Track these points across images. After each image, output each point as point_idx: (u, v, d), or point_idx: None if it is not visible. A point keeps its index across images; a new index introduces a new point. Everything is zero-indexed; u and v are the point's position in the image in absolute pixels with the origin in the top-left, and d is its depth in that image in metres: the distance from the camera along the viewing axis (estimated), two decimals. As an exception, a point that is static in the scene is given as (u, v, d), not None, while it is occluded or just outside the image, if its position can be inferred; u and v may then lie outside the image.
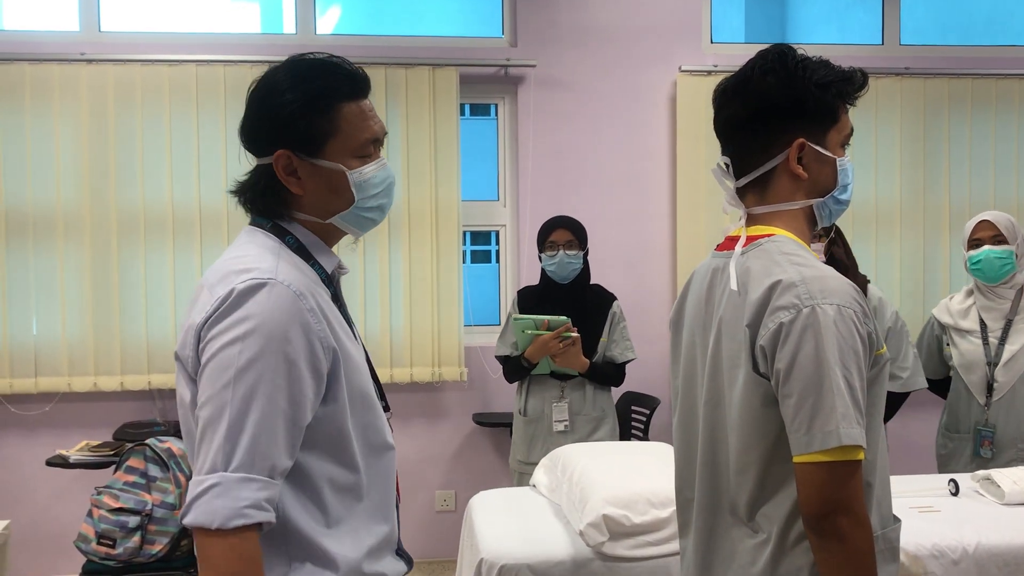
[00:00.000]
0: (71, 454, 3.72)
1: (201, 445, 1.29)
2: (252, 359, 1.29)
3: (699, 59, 4.62)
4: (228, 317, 1.31)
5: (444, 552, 4.52)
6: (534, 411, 3.56)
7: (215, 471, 1.26)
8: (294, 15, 4.53)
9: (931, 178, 4.70)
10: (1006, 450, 3.19)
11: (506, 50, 4.59)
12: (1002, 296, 3.23)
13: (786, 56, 1.53)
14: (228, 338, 1.30)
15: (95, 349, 4.24)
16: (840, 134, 1.57)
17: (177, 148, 4.25)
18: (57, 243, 4.22)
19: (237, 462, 1.26)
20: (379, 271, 4.40)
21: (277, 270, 1.36)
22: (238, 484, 1.26)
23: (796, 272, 1.45)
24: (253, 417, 1.28)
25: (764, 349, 1.44)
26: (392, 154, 4.39)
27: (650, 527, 2.39)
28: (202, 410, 1.30)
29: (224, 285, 1.34)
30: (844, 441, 1.36)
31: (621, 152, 4.62)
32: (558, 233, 3.51)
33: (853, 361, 1.40)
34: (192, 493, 1.27)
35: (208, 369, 1.30)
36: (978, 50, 4.96)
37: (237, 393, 1.28)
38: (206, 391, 1.30)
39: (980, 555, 2.36)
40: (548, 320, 3.41)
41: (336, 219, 1.49)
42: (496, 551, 2.41)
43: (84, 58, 4.21)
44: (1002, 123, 4.74)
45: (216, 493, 1.25)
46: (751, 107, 1.54)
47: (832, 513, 1.38)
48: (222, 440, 1.27)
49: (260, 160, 1.46)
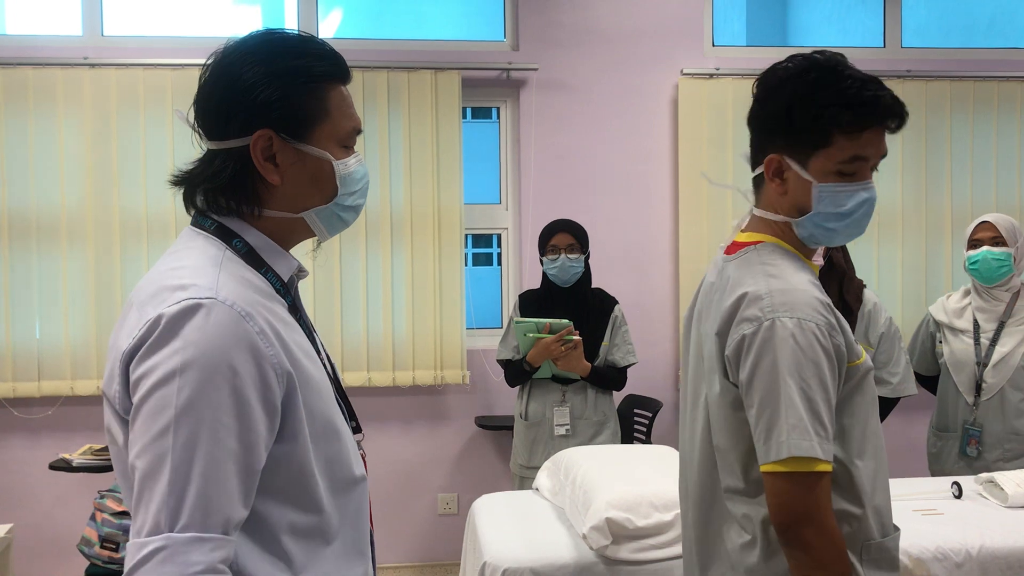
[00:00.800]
0: (74, 458, 3.72)
1: (140, 502, 1.08)
2: (192, 396, 1.08)
3: (701, 62, 4.62)
4: (161, 348, 1.10)
5: (447, 555, 4.52)
6: (535, 415, 3.55)
7: (158, 532, 1.06)
8: (296, 18, 4.54)
9: (933, 181, 4.70)
10: (992, 450, 3.24)
11: (508, 53, 4.60)
12: (998, 298, 3.27)
13: (806, 65, 1.51)
14: (162, 373, 1.09)
15: (98, 352, 4.24)
16: (831, 160, 1.50)
17: (179, 152, 4.26)
18: (60, 247, 4.22)
19: (185, 520, 1.06)
20: (381, 274, 4.40)
21: (217, 286, 1.15)
22: (187, 546, 1.06)
23: (764, 284, 1.48)
24: (199, 466, 1.07)
25: (729, 359, 1.49)
26: (394, 157, 4.40)
27: (653, 530, 2.39)
28: (138, 459, 1.09)
29: (154, 305, 1.13)
30: (793, 452, 1.38)
31: (623, 155, 4.63)
32: (559, 237, 3.51)
33: (813, 374, 1.42)
34: (132, 559, 1.07)
35: (143, 412, 1.10)
36: (980, 52, 4.96)
37: (179, 439, 1.07)
38: (141, 438, 1.09)
39: (983, 558, 2.35)
40: (550, 323, 3.40)
41: (309, 214, 1.29)
42: (499, 555, 2.41)
43: (87, 62, 4.21)
44: (1004, 126, 4.74)
45: (162, 559, 1.05)
46: (755, 107, 1.57)
47: (795, 523, 1.40)
48: (165, 495, 1.06)
49: (229, 143, 1.24)
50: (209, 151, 1.27)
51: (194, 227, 1.28)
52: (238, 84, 1.23)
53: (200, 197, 1.27)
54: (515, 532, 2.58)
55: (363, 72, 4.32)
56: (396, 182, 4.39)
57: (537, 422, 3.54)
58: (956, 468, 3.31)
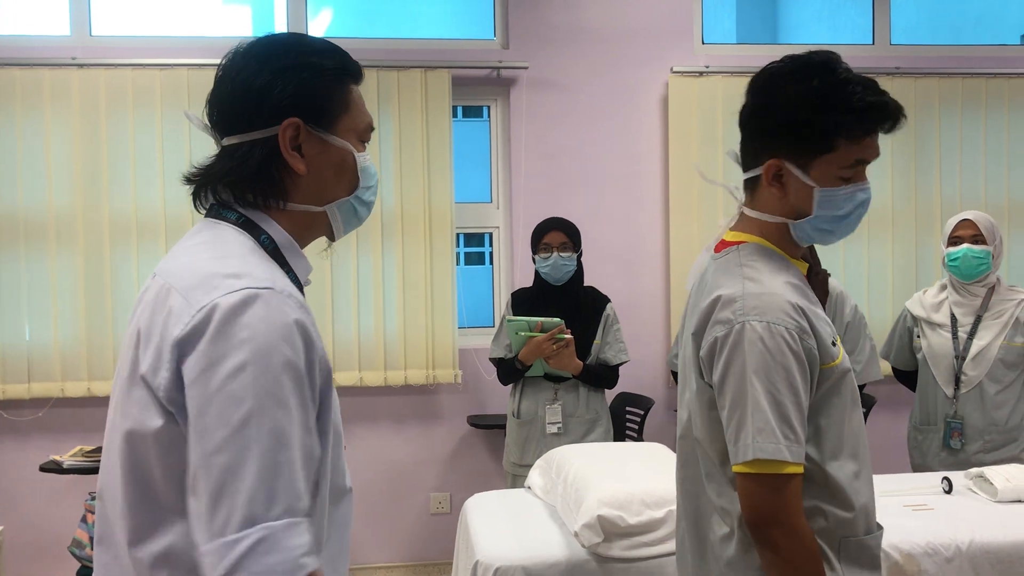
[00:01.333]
0: (65, 459, 3.71)
1: (223, 496, 1.05)
2: (267, 387, 1.08)
3: (691, 60, 4.62)
4: (227, 339, 1.08)
5: (439, 555, 4.52)
6: (527, 413, 3.56)
7: (253, 523, 1.04)
8: (286, 18, 4.53)
9: (922, 177, 4.72)
10: (974, 441, 3.30)
11: (498, 52, 4.60)
12: (974, 293, 3.33)
13: (803, 67, 1.50)
14: (232, 365, 1.07)
15: (88, 354, 4.23)
16: (833, 165, 1.50)
17: (169, 152, 4.24)
18: (49, 248, 4.21)
19: (279, 508, 1.05)
20: (372, 273, 4.40)
21: (273, 278, 1.15)
22: (286, 531, 1.05)
23: (739, 287, 1.49)
24: (284, 454, 1.07)
25: (703, 361, 1.52)
26: (385, 156, 4.39)
27: (645, 528, 2.40)
28: (218, 455, 1.06)
29: (205, 291, 1.12)
30: (757, 455, 1.41)
31: (613, 153, 4.63)
32: (552, 235, 3.52)
33: (782, 377, 1.43)
34: (228, 557, 1.03)
35: (216, 405, 1.07)
36: (968, 49, 4.97)
37: (262, 429, 1.06)
38: (218, 432, 1.06)
39: (973, 552, 2.37)
40: (542, 322, 3.41)
41: (331, 207, 1.30)
42: (491, 553, 2.41)
43: (75, 63, 4.20)
44: (992, 122, 4.75)
45: (265, 549, 1.03)
46: (749, 109, 1.56)
47: (763, 524, 1.43)
48: (256, 486, 1.05)
49: (253, 134, 1.24)
50: (228, 146, 1.26)
51: (213, 219, 1.27)
52: (265, 75, 1.23)
53: (221, 192, 1.27)
54: (507, 530, 2.58)
55: (353, 71, 4.30)
56: (387, 181, 4.39)
57: (529, 420, 3.55)
58: (939, 461, 3.37)
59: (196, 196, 1.30)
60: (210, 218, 1.28)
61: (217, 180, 1.27)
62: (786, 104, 1.50)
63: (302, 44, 1.28)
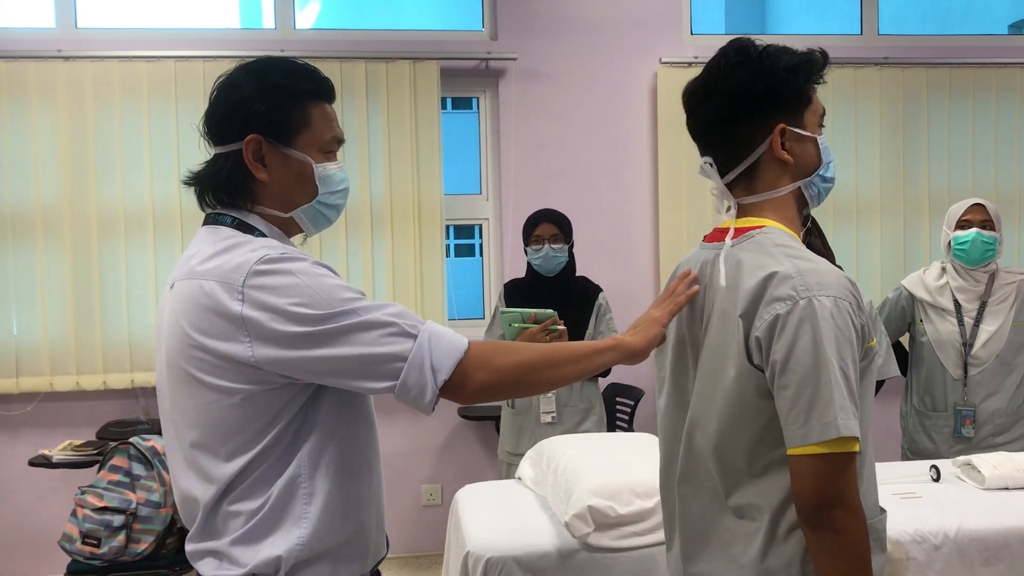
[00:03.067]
0: (54, 454, 3.70)
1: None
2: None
3: (679, 51, 4.62)
4: (268, 290, 1.36)
5: (431, 546, 4.53)
6: (522, 403, 3.58)
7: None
8: (273, 10, 4.50)
9: (910, 166, 4.73)
10: (984, 425, 3.31)
11: (487, 43, 4.59)
12: (977, 279, 3.32)
13: (749, 48, 1.55)
14: (286, 302, 1.36)
15: (77, 348, 4.21)
16: (815, 114, 1.58)
17: (156, 145, 4.23)
18: (36, 242, 4.19)
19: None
20: (362, 265, 4.39)
21: (286, 247, 1.43)
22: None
23: (791, 264, 1.45)
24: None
25: (760, 340, 1.44)
26: (373, 148, 4.38)
27: (635, 517, 2.40)
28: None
29: (238, 272, 1.38)
30: (843, 432, 1.36)
31: (602, 144, 4.63)
32: (543, 227, 3.53)
33: (849, 353, 1.40)
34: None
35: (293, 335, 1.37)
36: (956, 39, 4.99)
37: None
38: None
39: (961, 540, 2.38)
40: (535, 313, 3.38)
41: (297, 212, 1.53)
42: (482, 544, 2.42)
43: (61, 55, 4.17)
44: (980, 111, 4.77)
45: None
46: (726, 104, 1.54)
47: (828, 505, 1.37)
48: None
49: (229, 147, 1.48)
50: (214, 156, 1.50)
51: (213, 224, 1.50)
52: (236, 97, 1.48)
53: (211, 197, 1.51)
54: (498, 521, 2.58)
55: (341, 63, 4.29)
56: (376, 173, 4.38)
57: (523, 410, 3.57)
58: (948, 446, 3.37)
59: (200, 200, 1.54)
60: (210, 224, 1.51)
61: (201, 183, 1.51)
62: (767, 73, 1.53)
63: (274, 68, 1.52)
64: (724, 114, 1.55)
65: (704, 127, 1.60)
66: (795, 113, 1.55)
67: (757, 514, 1.49)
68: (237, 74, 1.51)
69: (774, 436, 1.45)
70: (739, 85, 1.53)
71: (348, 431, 1.48)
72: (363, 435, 1.52)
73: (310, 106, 1.51)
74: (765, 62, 1.53)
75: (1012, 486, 2.68)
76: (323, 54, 4.28)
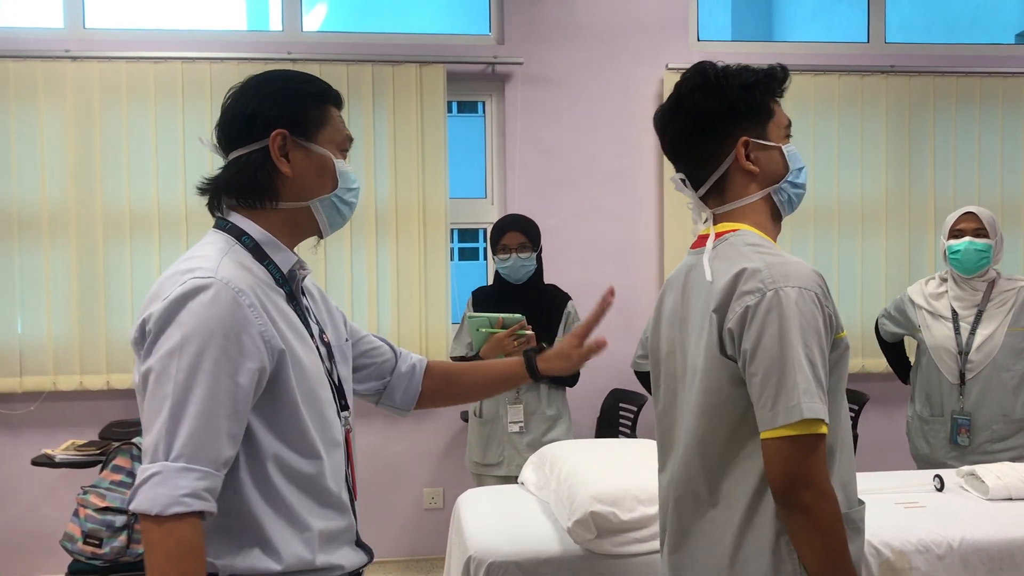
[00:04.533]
0: (57, 453, 3.70)
1: (146, 435, 1.36)
2: (194, 357, 1.35)
3: (686, 57, 4.62)
4: (171, 319, 1.37)
5: (432, 550, 4.52)
6: (489, 412, 3.55)
7: (155, 460, 1.33)
8: (280, 12, 4.51)
9: (916, 175, 4.73)
10: (981, 432, 3.31)
11: (493, 47, 4.59)
12: (975, 288, 3.34)
13: (706, 71, 1.67)
14: (170, 337, 1.37)
15: (81, 348, 4.22)
16: (779, 126, 1.68)
17: (163, 146, 4.23)
18: (42, 241, 4.19)
19: (176, 451, 1.32)
20: (366, 268, 4.39)
21: (219, 268, 1.42)
22: (177, 474, 1.32)
23: (760, 260, 1.55)
24: (193, 409, 1.34)
25: (732, 332, 1.53)
26: (379, 152, 4.38)
27: (638, 524, 2.40)
28: (148, 405, 1.37)
29: (170, 284, 1.41)
30: (806, 415, 1.43)
31: (608, 149, 4.63)
32: (510, 236, 3.49)
33: (815, 340, 1.49)
34: (137, 480, 1.34)
35: (155, 367, 1.37)
36: (963, 48, 4.98)
37: (177, 387, 1.34)
38: (148, 389, 1.37)
39: (964, 550, 2.37)
40: (503, 318, 3.31)
41: (315, 201, 1.56)
42: (484, 548, 2.41)
43: (69, 55, 4.18)
44: (986, 121, 4.77)
45: (156, 482, 1.31)
46: (690, 122, 1.67)
47: (795, 487, 1.45)
48: (163, 431, 1.33)
49: (251, 146, 1.53)
50: (232, 160, 1.55)
51: (215, 228, 1.56)
52: (256, 101, 1.54)
53: (226, 196, 1.56)
54: (500, 526, 2.58)
55: (347, 66, 4.30)
56: (381, 176, 4.38)
57: (491, 419, 3.54)
58: (945, 452, 3.40)
59: (210, 205, 1.58)
60: (213, 228, 1.56)
61: (222, 187, 1.55)
62: (731, 91, 1.64)
63: (288, 76, 1.60)
64: (689, 132, 1.68)
65: (674, 144, 1.73)
66: (757, 125, 1.67)
67: (733, 502, 1.56)
68: (253, 82, 1.57)
69: (750, 425, 1.52)
70: (699, 104, 1.66)
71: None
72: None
73: (326, 106, 1.58)
74: (722, 82, 1.65)
75: (1016, 496, 2.67)
76: (330, 57, 4.29)
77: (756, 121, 1.66)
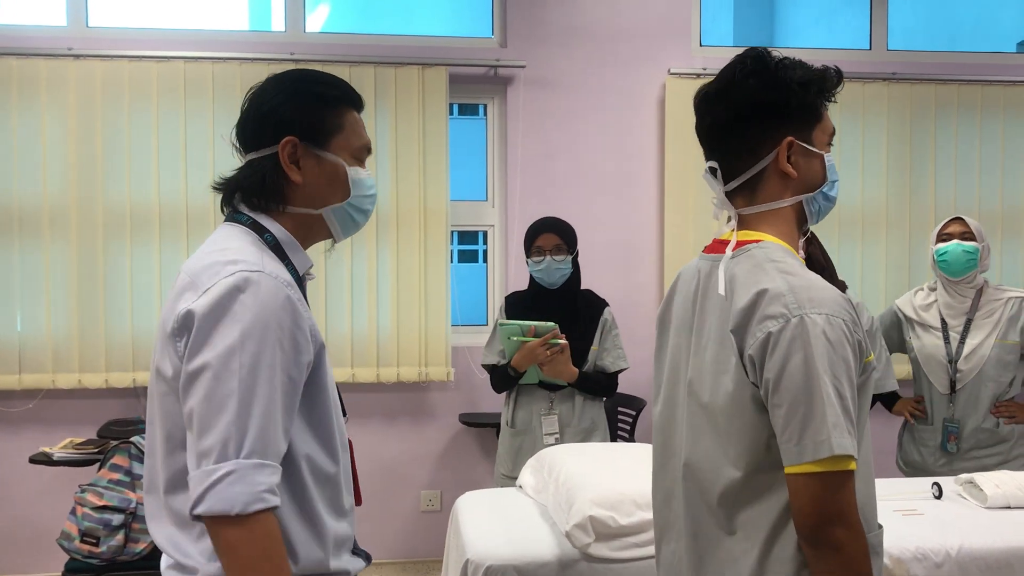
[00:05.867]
0: (55, 451, 3.70)
1: (205, 435, 1.32)
2: (255, 352, 1.33)
3: (688, 62, 4.63)
4: (224, 312, 1.34)
5: (430, 552, 4.52)
6: (522, 423, 3.38)
7: (226, 459, 1.30)
8: (283, 12, 4.51)
9: (917, 182, 4.74)
10: (967, 439, 3.38)
11: (496, 50, 4.59)
12: (963, 295, 3.38)
13: (766, 58, 1.55)
14: (228, 332, 1.33)
15: (80, 346, 4.21)
16: (824, 132, 1.58)
17: (164, 145, 4.23)
18: (43, 239, 4.19)
19: (248, 448, 1.31)
20: (367, 270, 4.39)
21: (263, 263, 1.41)
22: (253, 470, 1.31)
23: (783, 281, 1.44)
24: (258, 406, 1.32)
25: (753, 359, 1.43)
26: (381, 153, 4.38)
27: (636, 528, 2.40)
28: (206, 403, 1.33)
29: (210, 275, 1.38)
30: (836, 451, 1.35)
31: (610, 153, 4.63)
32: (544, 238, 3.33)
33: (843, 371, 1.39)
34: (203, 483, 1.30)
35: (213, 363, 1.33)
36: (964, 56, 4.99)
37: (242, 384, 1.32)
38: (205, 386, 1.33)
39: (963, 558, 2.37)
40: (535, 326, 3.22)
41: (327, 210, 1.55)
42: (482, 552, 2.41)
43: (71, 53, 4.18)
44: (987, 128, 4.78)
45: (232, 480, 1.29)
46: (736, 110, 1.55)
47: (827, 524, 1.37)
48: (232, 428, 1.31)
49: (263, 151, 1.51)
50: (248, 161, 1.54)
51: (230, 222, 1.53)
52: (270, 104, 1.52)
53: (237, 197, 1.54)
54: (498, 529, 2.58)
55: (350, 67, 4.30)
56: (382, 178, 4.38)
57: (524, 430, 3.38)
58: (934, 459, 3.46)
59: (223, 202, 1.57)
60: (227, 222, 1.54)
61: (235, 188, 1.54)
62: (780, 84, 1.53)
63: (305, 77, 1.57)
64: (733, 120, 1.56)
65: (712, 131, 1.61)
66: (804, 128, 1.55)
67: (753, 532, 1.48)
68: (270, 83, 1.55)
69: (773, 456, 1.44)
70: (751, 93, 1.53)
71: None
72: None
73: (343, 111, 1.56)
74: (780, 73, 1.53)
75: (1014, 505, 2.67)
76: (332, 58, 4.29)
77: (805, 122, 1.55)
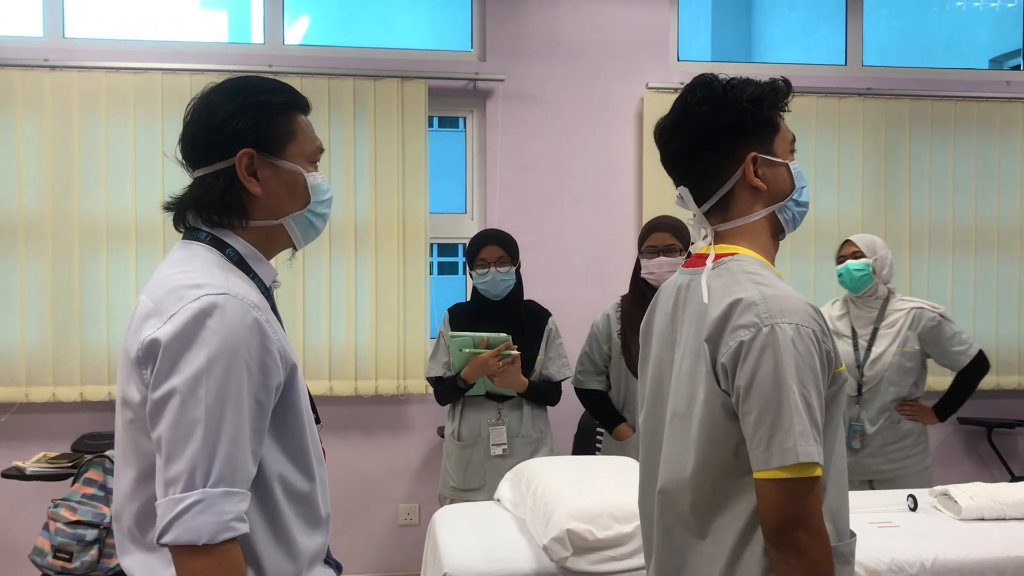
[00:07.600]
0: (28, 466, 3.66)
1: (172, 462, 1.29)
2: (222, 378, 1.30)
3: (666, 76, 4.66)
4: (192, 339, 1.31)
5: (407, 566, 4.49)
6: (470, 435, 3.38)
7: (193, 488, 1.27)
8: (262, 25, 4.51)
9: (892, 196, 4.79)
10: (873, 438, 3.65)
11: (475, 64, 4.61)
12: (870, 306, 3.70)
13: (713, 84, 1.61)
14: (195, 358, 1.30)
15: (54, 359, 4.17)
16: (784, 140, 1.64)
17: (141, 157, 4.21)
18: (17, 250, 4.15)
19: (216, 476, 1.28)
20: (345, 282, 4.38)
21: (228, 284, 1.38)
22: (221, 499, 1.28)
23: (756, 291, 1.49)
24: (226, 432, 1.30)
25: (725, 367, 1.48)
26: (359, 166, 4.38)
27: (614, 542, 2.40)
28: (172, 430, 1.30)
29: (174, 301, 1.35)
30: (802, 458, 1.40)
31: (588, 166, 4.65)
32: (488, 250, 3.34)
33: (811, 379, 1.44)
34: (170, 512, 1.27)
35: (180, 389, 1.30)
36: (938, 72, 5.05)
37: (209, 411, 1.29)
38: (173, 413, 1.30)
39: (938, 570, 2.39)
40: (487, 338, 3.23)
41: (287, 219, 1.52)
42: (460, 565, 2.40)
43: (48, 64, 4.15)
44: (960, 143, 4.84)
45: (200, 510, 1.27)
46: (695, 138, 1.61)
47: (791, 528, 1.42)
48: (199, 456, 1.28)
49: (216, 166, 1.46)
50: (198, 177, 1.48)
51: (188, 240, 1.49)
52: (219, 116, 1.46)
53: (193, 215, 1.49)
54: (476, 543, 2.57)
55: (329, 80, 4.30)
56: (361, 190, 4.38)
57: (472, 442, 3.38)
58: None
59: (176, 221, 1.52)
60: (185, 240, 1.50)
61: (189, 207, 1.49)
62: (734, 104, 1.58)
63: (252, 85, 1.51)
64: (695, 147, 1.62)
65: (677, 160, 1.66)
66: (764, 141, 1.61)
67: (723, 537, 1.52)
68: (215, 95, 1.49)
69: (743, 460, 1.48)
70: (706, 119, 1.59)
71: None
72: None
73: (292, 116, 1.52)
74: (730, 95, 1.59)
75: (988, 517, 2.70)
76: (311, 70, 4.29)
77: (764, 136, 1.60)
